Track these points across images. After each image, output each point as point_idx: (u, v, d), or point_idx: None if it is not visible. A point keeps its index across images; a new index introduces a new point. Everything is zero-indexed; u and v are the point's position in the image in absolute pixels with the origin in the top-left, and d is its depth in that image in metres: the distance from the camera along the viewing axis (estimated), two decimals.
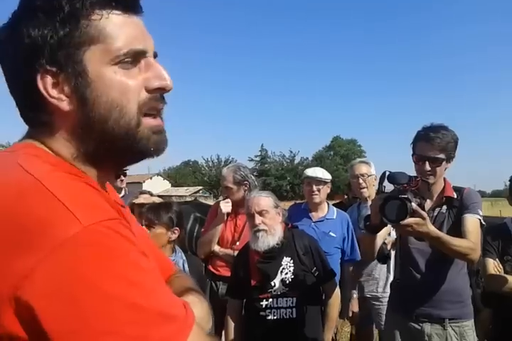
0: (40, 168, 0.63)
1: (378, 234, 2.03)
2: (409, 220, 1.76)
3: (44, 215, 0.56)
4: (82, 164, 0.71)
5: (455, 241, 1.97)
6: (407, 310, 2.26)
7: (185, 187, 58.86)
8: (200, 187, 56.74)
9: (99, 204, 0.62)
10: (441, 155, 2.13)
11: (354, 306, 3.27)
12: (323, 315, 2.52)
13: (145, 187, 41.03)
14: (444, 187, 2.27)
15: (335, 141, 70.55)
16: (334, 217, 3.26)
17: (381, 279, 3.38)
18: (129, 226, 0.65)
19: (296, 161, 61.86)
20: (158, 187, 52.45)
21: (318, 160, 63.55)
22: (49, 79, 0.67)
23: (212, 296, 3.08)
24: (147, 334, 0.55)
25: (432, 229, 1.87)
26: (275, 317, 2.34)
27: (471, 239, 2.05)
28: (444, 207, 2.23)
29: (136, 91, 0.69)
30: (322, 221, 3.23)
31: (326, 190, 3.27)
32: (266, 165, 60.54)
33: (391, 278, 3.33)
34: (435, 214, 2.22)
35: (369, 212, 1.94)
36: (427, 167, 2.14)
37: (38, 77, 0.67)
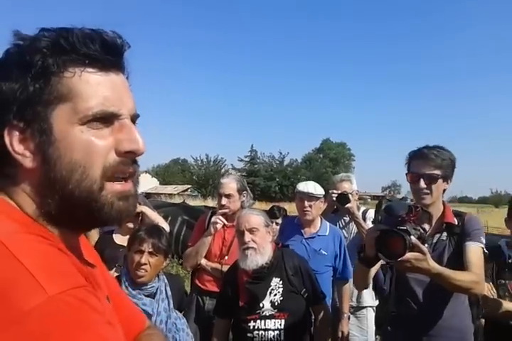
0: (5, 228, 0.61)
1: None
2: (407, 256, 1.61)
3: (7, 282, 0.54)
4: (45, 222, 0.68)
5: (457, 276, 1.83)
6: None
7: (174, 186, 58.50)
8: (189, 186, 56.42)
9: (65, 271, 0.60)
10: (437, 172, 2.02)
11: (344, 327, 3.17)
12: (312, 337, 2.46)
13: None
14: (443, 212, 2.11)
15: (325, 143, 70.77)
16: (326, 234, 3.15)
17: (354, 289, 3.33)
18: (96, 293, 0.63)
19: (285, 163, 61.82)
20: (146, 184, 52.10)
21: (308, 162, 63.69)
22: (16, 135, 0.65)
23: (199, 311, 3.03)
24: None
25: (433, 265, 1.72)
26: (263, 339, 2.28)
27: (475, 270, 1.91)
28: (444, 234, 2.07)
29: (104, 152, 0.67)
30: (313, 237, 3.13)
31: (318, 205, 3.14)
32: (255, 166, 60.45)
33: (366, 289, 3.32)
34: (434, 241, 2.07)
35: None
36: (422, 184, 2.00)
37: (5, 132, 0.65)
